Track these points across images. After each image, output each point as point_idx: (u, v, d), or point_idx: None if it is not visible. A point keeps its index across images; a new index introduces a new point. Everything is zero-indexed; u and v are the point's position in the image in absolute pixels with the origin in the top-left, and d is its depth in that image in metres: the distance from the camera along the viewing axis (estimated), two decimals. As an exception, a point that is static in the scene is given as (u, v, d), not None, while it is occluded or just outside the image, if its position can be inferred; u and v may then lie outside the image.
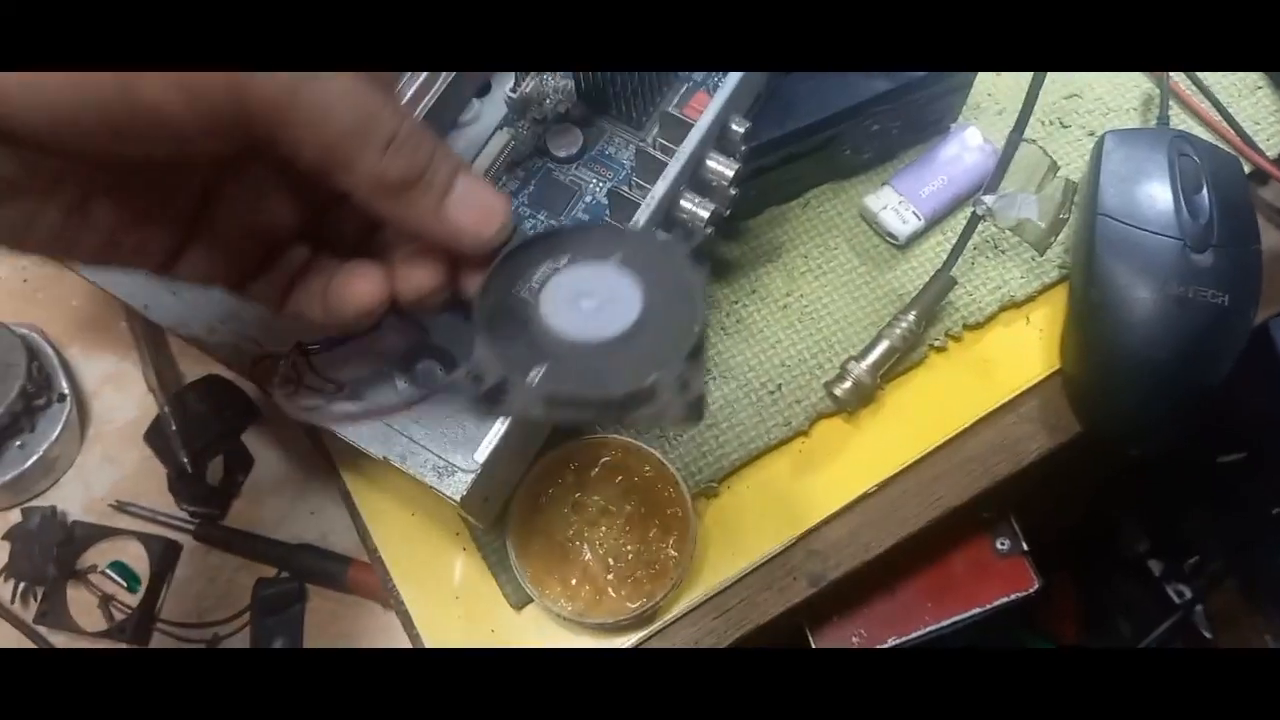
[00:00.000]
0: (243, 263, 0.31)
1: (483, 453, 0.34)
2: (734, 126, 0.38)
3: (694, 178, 0.38)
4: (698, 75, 0.42)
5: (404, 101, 0.38)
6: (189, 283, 0.30)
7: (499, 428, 0.34)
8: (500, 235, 0.28)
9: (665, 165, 0.36)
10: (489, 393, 0.26)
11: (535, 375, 0.26)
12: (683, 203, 0.37)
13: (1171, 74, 0.49)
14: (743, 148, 0.39)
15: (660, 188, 0.36)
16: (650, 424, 0.26)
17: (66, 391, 0.50)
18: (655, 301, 0.27)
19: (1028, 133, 0.43)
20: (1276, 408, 0.56)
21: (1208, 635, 0.88)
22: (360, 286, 0.29)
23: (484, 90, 0.43)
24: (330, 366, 0.40)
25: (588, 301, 0.28)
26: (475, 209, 0.27)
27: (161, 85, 0.23)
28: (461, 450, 0.38)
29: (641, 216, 0.35)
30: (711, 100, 0.37)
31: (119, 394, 0.52)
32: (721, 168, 0.38)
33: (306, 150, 0.25)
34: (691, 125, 0.37)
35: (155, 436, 0.49)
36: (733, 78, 0.37)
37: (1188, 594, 0.89)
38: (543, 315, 0.27)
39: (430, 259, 0.29)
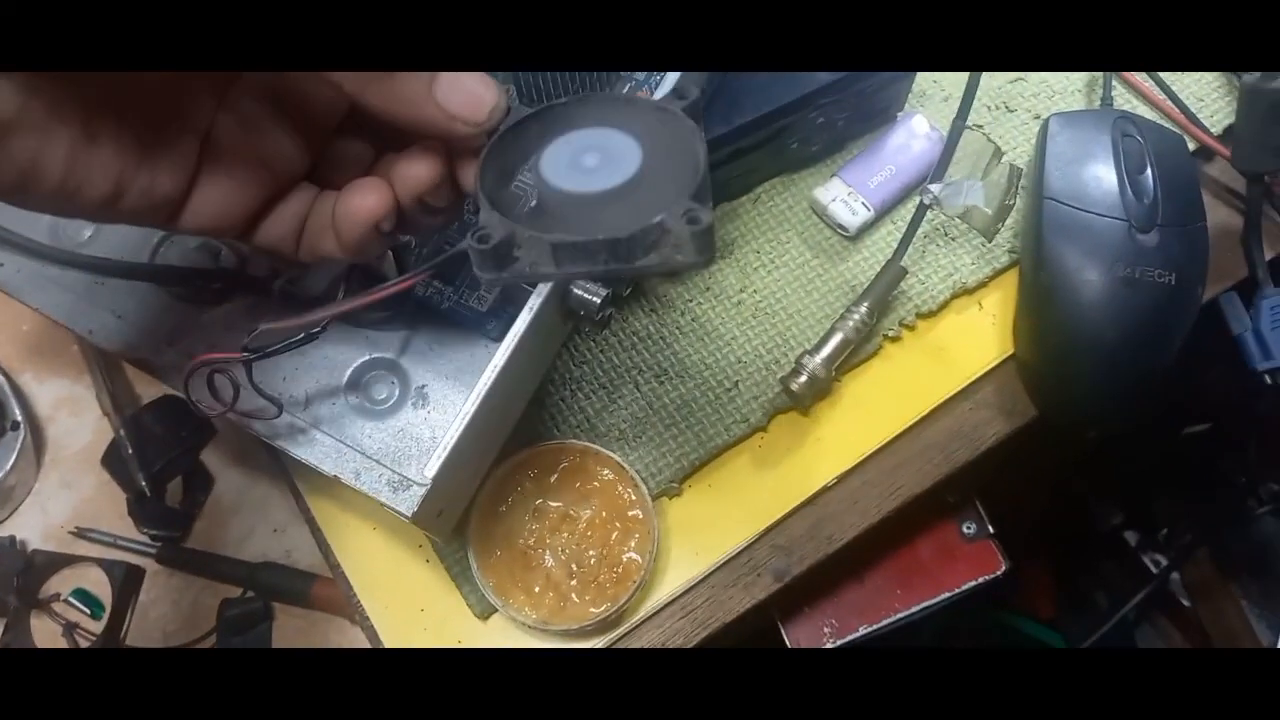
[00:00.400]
0: (250, 202, 0.30)
1: (433, 466, 0.33)
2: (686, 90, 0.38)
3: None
4: (639, 75, 0.42)
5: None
6: (200, 231, 0.30)
7: (450, 437, 0.33)
8: (493, 117, 0.28)
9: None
10: (496, 249, 0.26)
11: (541, 228, 0.27)
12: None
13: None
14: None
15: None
16: (664, 269, 0.27)
17: (20, 419, 0.49)
18: (655, 153, 0.28)
19: (973, 118, 0.43)
20: (1232, 381, 0.56)
21: (1186, 603, 0.89)
22: (366, 199, 0.29)
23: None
24: (276, 379, 0.40)
25: (589, 158, 0.28)
26: (465, 91, 0.27)
27: None
28: (415, 463, 0.38)
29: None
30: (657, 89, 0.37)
31: (74, 418, 0.51)
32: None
33: None
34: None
35: (113, 460, 0.49)
36: (672, 79, 0.37)
37: (1164, 563, 0.90)
38: (545, 177, 0.28)
39: (428, 152, 0.29)
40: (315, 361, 0.40)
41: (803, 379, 0.43)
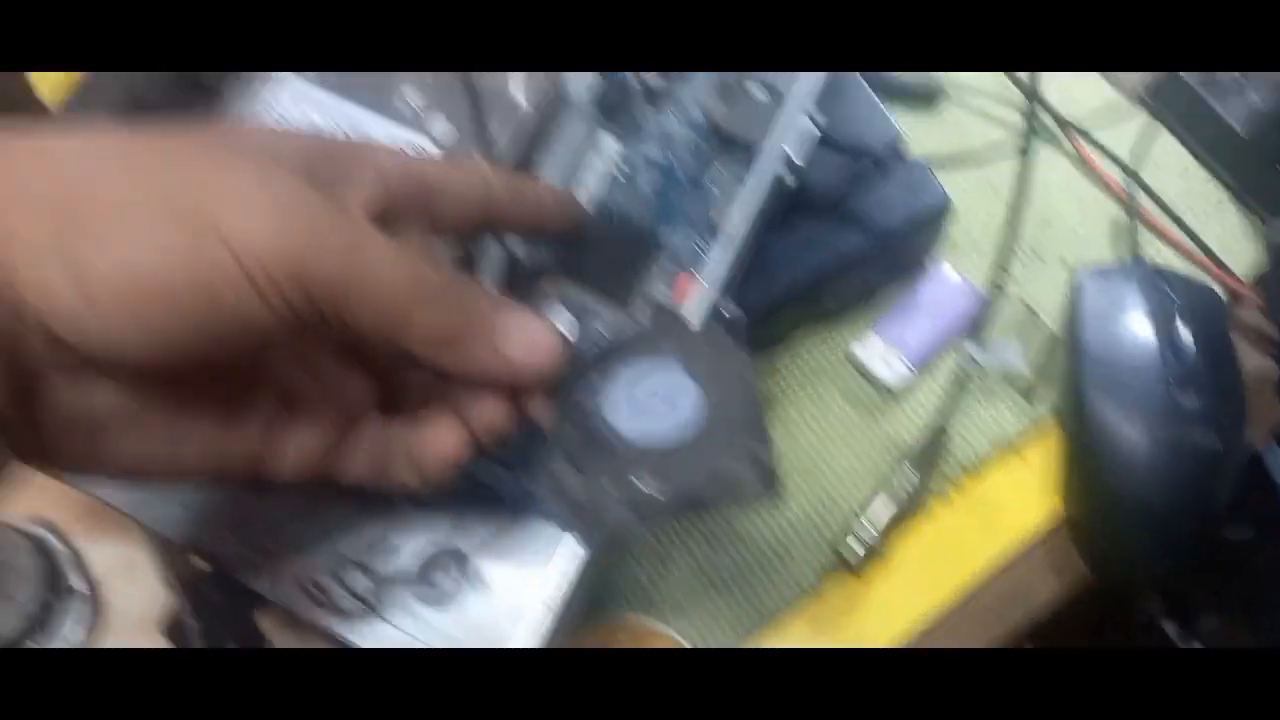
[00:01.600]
0: (326, 443, 0.32)
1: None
2: (724, 313, 0.39)
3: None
4: (677, 247, 0.42)
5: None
6: (291, 479, 0.31)
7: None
8: (554, 362, 0.30)
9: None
10: (573, 506, 0.28)
11: (615, 482, 0.28)
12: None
13: (1140, 200, 0.50)
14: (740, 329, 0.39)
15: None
16: (730, 503, 0.28)
17: (78, 588, 0.50)
18: (711, 387, 0.29)
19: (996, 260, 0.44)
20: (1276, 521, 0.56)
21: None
22: (444, 440, 0.31)
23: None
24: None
25: (649, 399, 0.30)
26: (526, 341, 0.29)
27: (235, 288, 0.24)
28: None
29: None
30: (698, 288, 0.38)
31: (131, 585, 0.51)
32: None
33: (366, 319, 0.26)
34: (680, 314, 0.38)
35: (173, 630, 0.49)
36: (716, 262, 0.38)
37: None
38: (610, 421, 0.29)
39: (497, 396, 0.31)
40: (378, 548, 0.41)
41: (854, 545, 0.43)
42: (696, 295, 0.38)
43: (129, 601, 0.52)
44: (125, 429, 0.26)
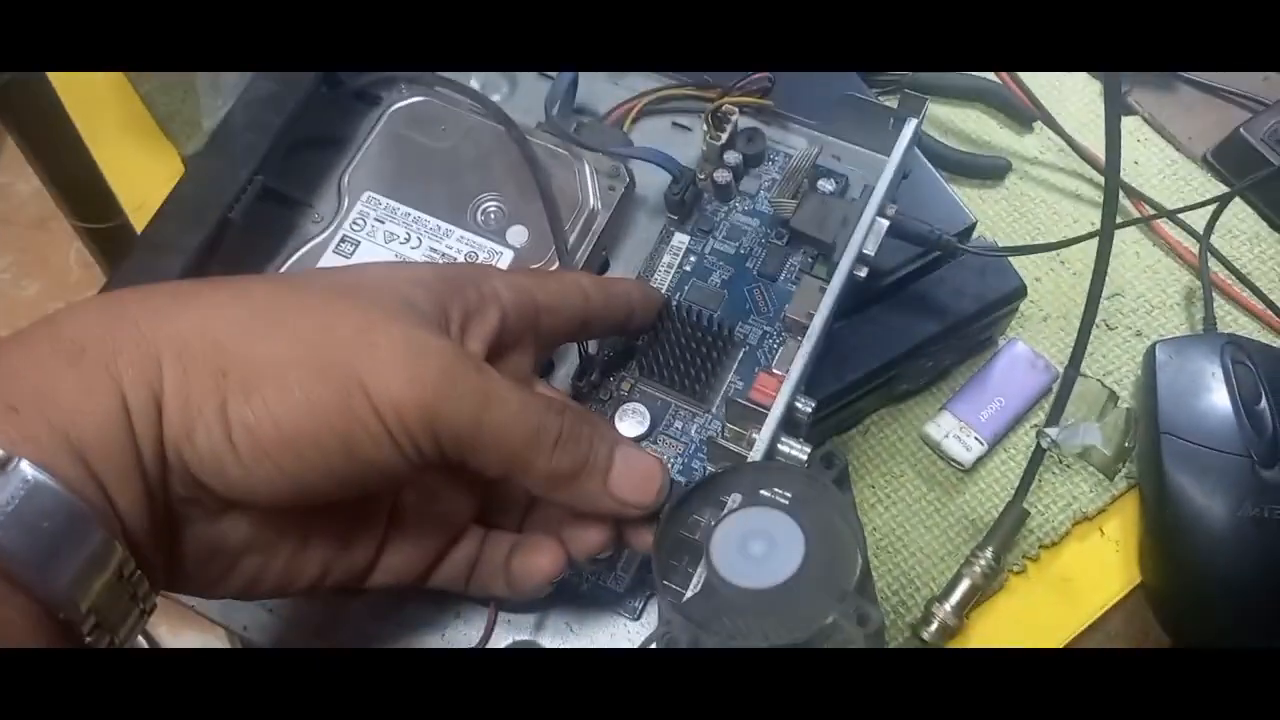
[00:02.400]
0: (430, 556, 0.33)
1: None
2: (800, 407, 0.39)
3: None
4: (753, 342, 0.43)
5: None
6: (384, 588, 0.32)
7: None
8: (660, 498, 0.31)
9: (741, 457, 0.37)
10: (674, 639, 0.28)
11: (712, 616, 0.28)
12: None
13: (1211, 267, 0.50)
14: (809, 424, 0.39)
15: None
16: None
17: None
18: (815, 535, 0.29)
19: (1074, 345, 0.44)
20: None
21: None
22: (542, 560, 0.32)
23: (547, 371, 0.44)
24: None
25: (755, 545, 0.29)
26: (635, 480, 0.30)
27: (373, 438, 0.25)
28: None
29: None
30: (780, 388, 0.38)
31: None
32: (794, 451, 0.38)
33: (491, 463, 0.28)
34: (762, 413, 0.38)
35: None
36: (797, 364, 0.38)
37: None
38: (716, 567, 0.29)
39: (599, 523, 0.32)
40: (455, 641, 0.41)
41: (934, 627, 0.43)
42: (775, 393, 0.38)
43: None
44: (254, 555, 0.27)
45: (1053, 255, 0.52)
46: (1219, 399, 0.44)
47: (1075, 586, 0.46)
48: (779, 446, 0.39)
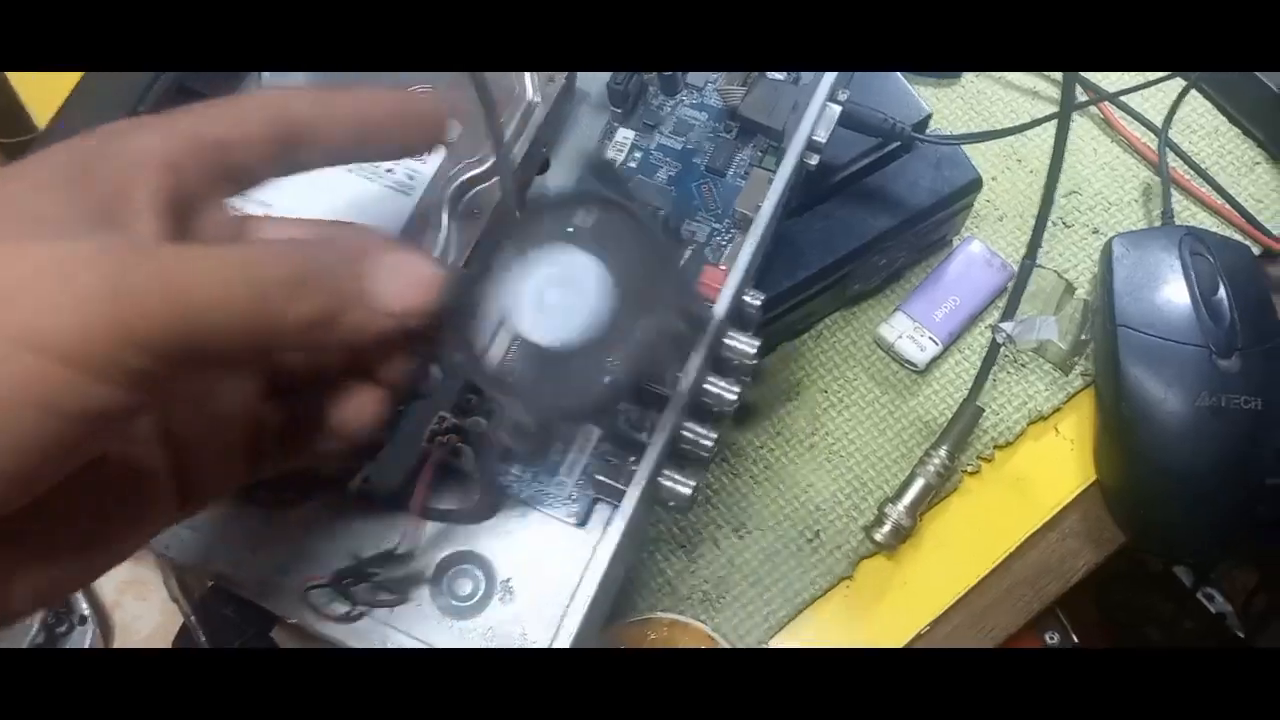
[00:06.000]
0: (235, 463, 0.29)
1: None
2: (748, 300, 0.37)
3: (715, 358, 0.37)
4: (701, 239, 0.41)
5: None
6: (213, 503, 0.30)
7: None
8: (441, 294, 0.27)
9: (688, 354, 0.35)
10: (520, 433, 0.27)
11: (560, 392, 0.26)
12: (707, 387, 0.36)
13: (1170, 162, 0.48)
14: (760, 319, 0.38)
15: (685, 381, 0.35)
16: (682, 352, 0.26)
17: (87, 612, 0.49)
18: (610, 253, 0.26)
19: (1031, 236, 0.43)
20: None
21: (1241, 635, 0.88)
22: (354, 403, 0.29)
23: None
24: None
25: (553, 295, 0.26)
26: (406, 288, 0.26)
27: (70, 387, 0.21)
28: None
29: (670, 412, 0.35)
30: (726, 280, 0.36)
31: (140, 602, 0.50)
32: (743, 345, 0.37)
33: (231, 348, 0.23)
34: (709, 307, 0.36)
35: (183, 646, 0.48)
36: (744, 255, 0.37)
37: (1219, 599, 0.89)
38: (524, 334, 0.26)
39: (395, 348, 0.29)
40: (392, 557, 0.40)
41: (886, 528, 0.42)
42: (723, 287, 0.36)
43: (138, 621, 0.51)
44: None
45: (1009, 153, 0.50)
46: (1176, 291, 0.43)
47: (1030, 486, 0.45)
48: (727, 340, 0.37)
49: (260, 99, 0.28)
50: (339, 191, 0.38)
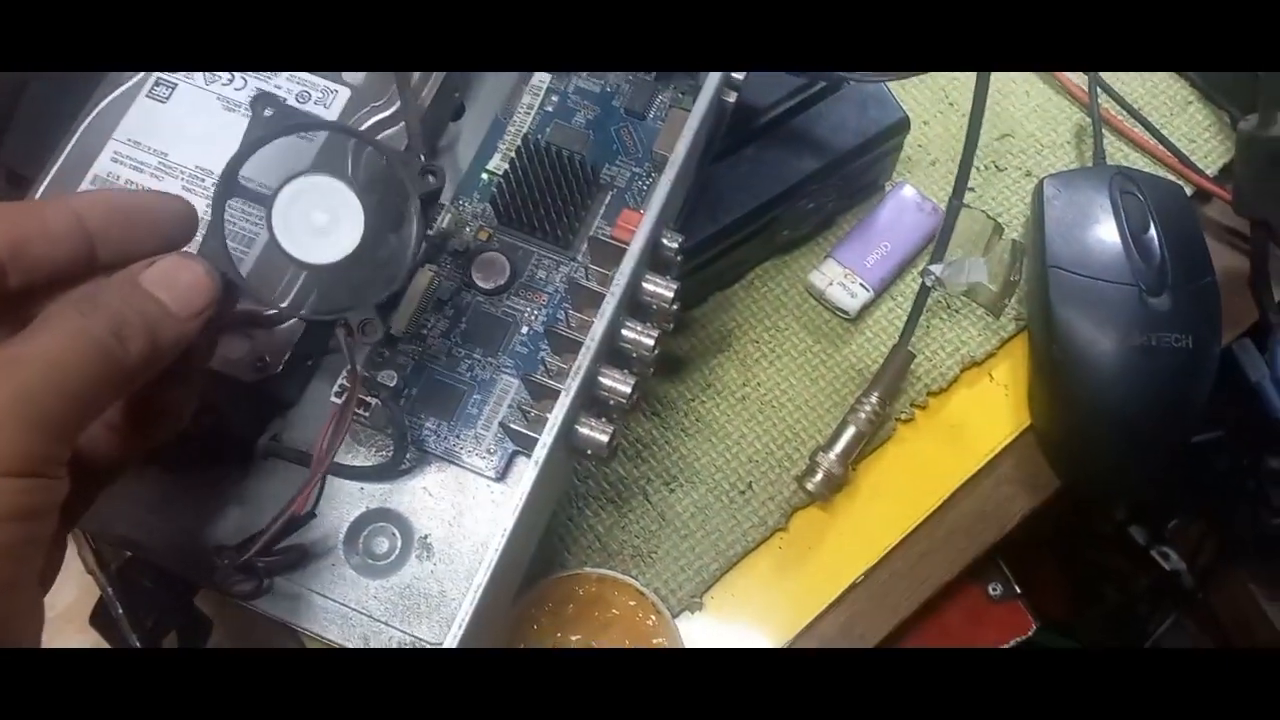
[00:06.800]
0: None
1: (451, 639, 0.31)
2: (666, 243, 0.36)
3: (632, 303, 0.36)
4: (620, 184, 0.40)
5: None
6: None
7: (465, 613, 0.31)
8: (217, 292, 0.28)
9: (601, 297, 0.34)
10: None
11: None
12: (624, 333, 0.35)
13: (1102, 103, 0.48)
14: (678, 260, 0.37)
15: (599, 326, 0.34)
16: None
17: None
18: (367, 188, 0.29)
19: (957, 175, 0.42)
20: (1246, 415, 0.55)
21: (1198, 595, 0.89)
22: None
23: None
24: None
25: (317, 217, 0.29)
26: (185, 294, 0.28)
27: None
28: (426, 621, 0.36)
29: (584, 358, 0.33)
30: (640, 222, 0.35)
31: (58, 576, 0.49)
32: (660, 289, 0.36)
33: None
34: (623, 249, 0.35)
35: (102, 620, 0.46)
36: (658, 195, 0.36)
37: (1173, 556, 0.90)
38: (291, 255, 0.29)
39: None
40: (302, 518, 0.38)
41: (819, 477, 0.41)
42: (640, 230, 0.35)
43: (54, 595, 0.49)
44: None
45: (941, 97, 0.49)
46: (1107, 230, 0.42)
47: (965, 432, 0.44)
48: (644, 284, 0.36)
49: (63, 209, 0.28)
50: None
